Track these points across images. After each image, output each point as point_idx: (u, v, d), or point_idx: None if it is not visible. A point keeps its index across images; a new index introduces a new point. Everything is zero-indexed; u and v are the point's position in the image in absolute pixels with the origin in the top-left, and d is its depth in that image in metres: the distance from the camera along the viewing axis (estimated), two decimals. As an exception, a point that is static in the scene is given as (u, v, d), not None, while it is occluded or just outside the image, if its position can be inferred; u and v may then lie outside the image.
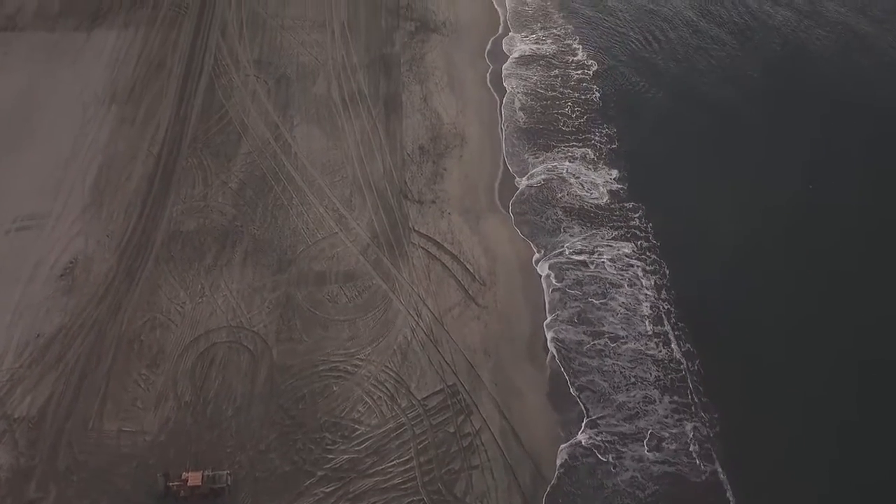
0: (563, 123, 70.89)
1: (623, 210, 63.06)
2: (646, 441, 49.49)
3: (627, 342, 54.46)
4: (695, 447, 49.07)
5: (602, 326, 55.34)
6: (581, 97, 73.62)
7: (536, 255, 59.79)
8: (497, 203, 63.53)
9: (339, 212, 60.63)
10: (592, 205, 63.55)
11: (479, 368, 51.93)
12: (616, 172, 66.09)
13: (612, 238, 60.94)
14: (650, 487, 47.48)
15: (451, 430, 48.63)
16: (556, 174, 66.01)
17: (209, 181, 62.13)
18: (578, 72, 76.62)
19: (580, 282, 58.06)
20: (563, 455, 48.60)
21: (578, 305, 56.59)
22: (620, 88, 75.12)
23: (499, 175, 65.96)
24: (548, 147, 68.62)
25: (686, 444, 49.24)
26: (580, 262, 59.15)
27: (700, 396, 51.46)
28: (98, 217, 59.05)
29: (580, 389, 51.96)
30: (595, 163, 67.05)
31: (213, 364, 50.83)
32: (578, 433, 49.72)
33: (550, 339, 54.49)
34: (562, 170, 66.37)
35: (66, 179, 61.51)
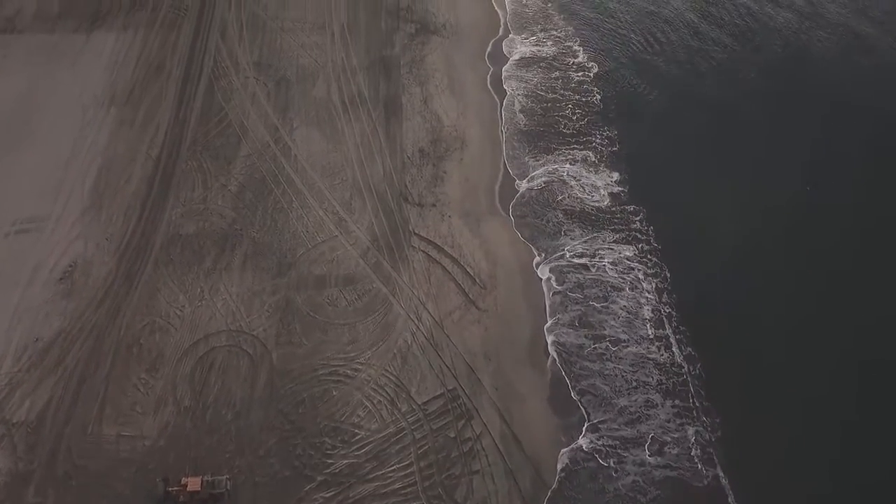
0: (564, 126, 70.68)
1: (624, 213, 62.85)
2: (647, 445, 49.30)
3: (629, 346, 54.24)
4: (696, 451, 48.88)
5: (603, 330, 55.15)
6: (582, 99, 73.42)
7: (537, 259, 59.57)
8: (497, 206, 63.32)
9: (339, 215, 60.42)
10: (593, 207, 63.35)
11: (480, 372, 51.74)
12: (617, 175, 65.90)
13: (614, 241, 60.73)
14: (652, 492, 47.28)
15: (452, 435, 48.44)
16: (557, 177, 65.80)
17: (209, 184, 61.95)
18: (579, 74, 76.39)
19: (581, 285, 57.86)
20: (564, 460, 48.40)
21: (579, 309, 56.39)
22: (621, 91, 74.91)
23: (499, 178, 65.75)
24: (548, 149, 68.40)
25: (688, 449, 49.06)
26: (581, 266, 58.95)
27: (701, 400, 51.28)
28: (97, 220, 58.88)
29: (581, 393, 51.78)
30: (596, 165, 66.86)
31: (213, 368, 50.65)
32: (579, 437, 49.51)
33: (551, 343, 54.29)
34: (562, 172, 66.17)
35: (66, 182, 61.36)
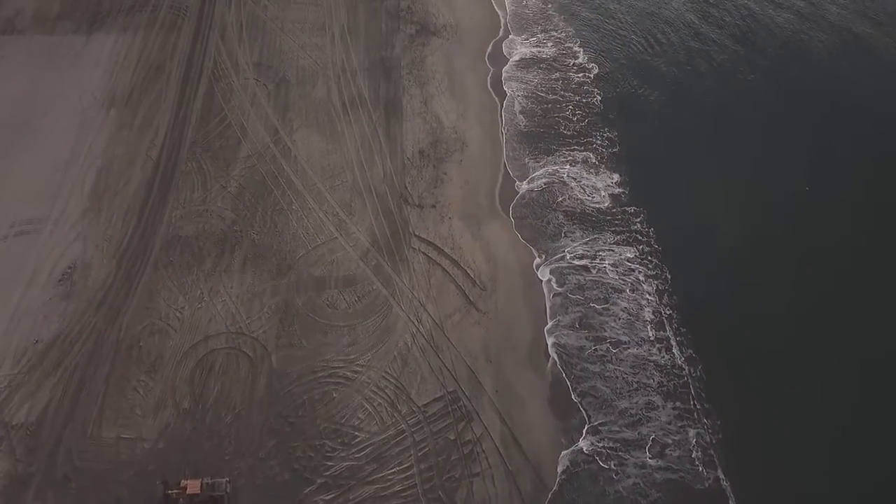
0: (564, 127, 70.52)
1: (625, 214, 62.68)
2: (648, 447, 49.12)
3: (629, 347, 54.09)
4: (697, 454, 48.71)
5: (604, 332, 54.98)
6: (582, 100, 73.26)
7: (537, 260, 59.43)
8: (498, 207, 63.15)
9: (339, 216, 60.29)
10: (594, 209, 63.19)
11: (480, 374, 51.59)
12: (617, 176, 65.74)
13: (614, 243, 60.55)
14: (653, 494, 47.10)
15: (452, 437, 48.29)
16: (557, 178, 65.63)
17: (208, 185, 61.80)
18: (579, 75, 76.23)
19: (582, 287, 57.70)
20: (565, 462, 48.21)
21: (580, 310, 56.23)
22: (622, 92, 74.76)
23: (499, 179, 65.56)
24: (549, 151, 68.23)
25: (689, 451, 48.89)
26: (581, 267, 58.78)
27: (702, 402, 51.12)
28: (97, 222, 58.72)
29: (582, 395, 51.61)
30: (596, 167, 66.68)
31: (212, 370, 50.49)
32: (580, 440, 49.34)
33: (551, 345, 54.13)
34: (563, 174, 65.98)
35: (65, 184, 61.20)
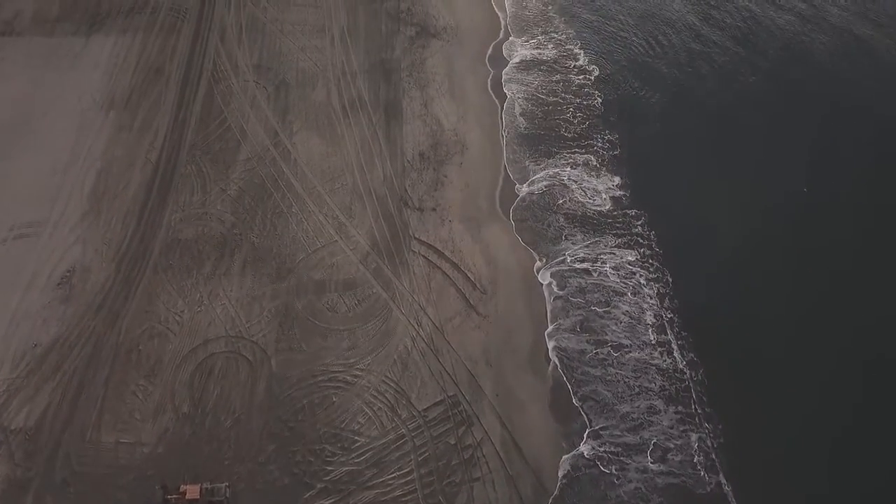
0: (565, 129, 70.36)
1: (625, 217, 62.51)
2: (649, 452, 48.97)
3: (631, 351, 53.90)
4: (699, 458, 48.56)
5: (605, 335, 54.80)
6: (583, 103, 73.09)
7: (538, 263, 59.23)
8: (498, 210, 62.97)
9: (339, 219, 60.10)
10: (595, 212, 63.02)
11: (481, 378, 51.40)
12: (618, 179, 65.56)
13: (615, 245, 60.40)
14: (654, 499, 46.99)
15: (452, 442, 48.11)
16: (558, 181, 65.49)
17: (208, 188, 61.63)
18: (580, 77, 76.06)
19: (583, 290, 57.51)
20: (566, 466, 48.08)
21: (581, 314, 56.04)
22: (622, 94, 74.59)
23: (500, 182, 65.42)
24: (549, 153, 68.10)
25: (690, 456, 48.74)
26: (582, 270, 58.59)
27: (704, 407, 50.94)
28: (96, 225, 58.56)
29: (583, 399, 51.43)
30: (597, 169, 66.52)
31: (212, 374, 50.33)
32: (581, 444, 49.18)
33: (552, 349, 53.97)
34: (563, 176, 65.85)
35: (64, 187, 61.06)
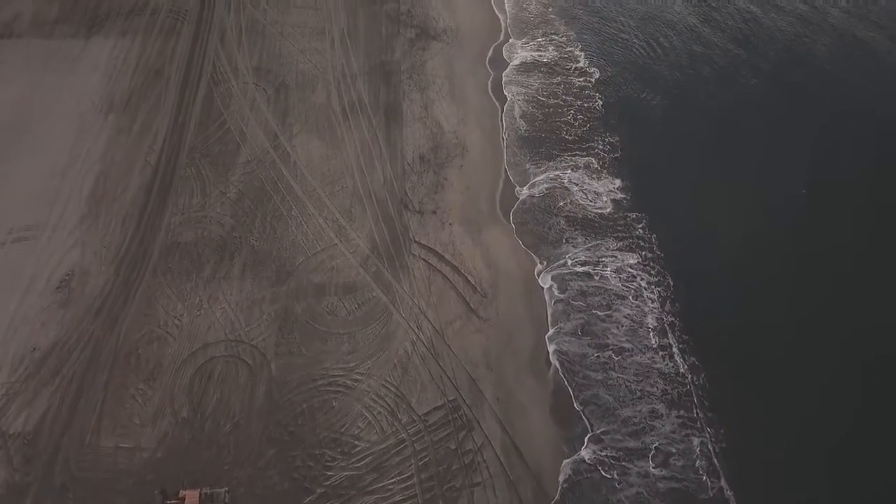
0: (566, 132, 70.17)
1: (627, 220, 62.29)
2: (651, 457, 48.70)
3: (632, 355, 53.64)
4: (701, 463, 48.27)
5: (606, 339, 54.55)
6: (583, 105, 72.90)
7: (539, 267, 59.01)
8: (499, 213, 62.76)
9: (339, 222, 59.89)
10: (595, 215, 62.78)
11: (481, 383, 51.16)
12: (619, 182, 65.34)
13: (616, 249, 60.14)
14: (655, 504, 46.81)
15: (453, 447, 47.86)
16: (559, 183, 65.25)
17: (207, 191, 61.40)
18: (580, 79, 75.90)
19: (584, 293, 57.26)
20: (567, 471, 47.80)
21: (582, 317, 55.79)
22: (623, 96, 74.42)
23: (500, 184, 65.19)
24: (550, 156, 67.88)
25: (692, 461, 48.46)
26: (584, 274, 58.35)
27: (705, 411, 50.70)
28: (95, 228, 58.31)
29: (584, 404, 51.19)
30: (598, 172, 66.29)
31: (211, 379, 50.05)
32: (582, 449, 48.91)
33: (553, 352, 53.72)
34: (564, 179, 65.61)
35: (63, 189, 60.81)
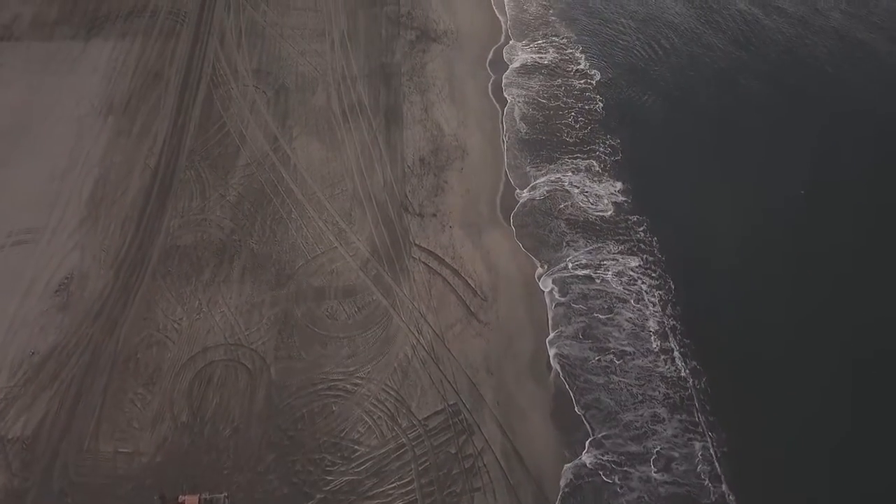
0: (566, 134, 69.94)
1: (628, 223, 62.04)
2: (653, 461, 48.48)
3: (634, 359, 53.41)
4: (703, 467, 48.05)
5: (607, 342, 54.31)
6: (584, 107, 72.67)
7: (539, 270, 58.78)
8: (499, 216, 62.53)
9: (339, 225, 59.69)
10: (596, 218, 62.55)
11: (481, 387, 50.94)
12: (620, 184, 65.10)
13: (618, 252, 59.92)
14: (657, 509, 46.60)
15: (453, 451, 47.64)
16: (560, 186, 65.02)
17: (207, 194, 61.20)
18: (581, 81, 75.67)
19: (585, 296, 57.04)
20: (568, 476, 47.60)
21: (583, 321, 55.57)
22: (624, 98, 74.18)
23: (500, 187, 64.94)
24: (550, 158, 67.64)
25: (694, 465, 48.24)
26: (584, 277, 58.14)
27: (707, 415, 50.47)
28: (94, 231, 58.12)
29: (585, 407, 50.97)
30: (599, 174, 66.06)
31: (211, 383, 49.85)
32: (583, 453, 48.70)
33: (554, 356, 53.49)
34: (565, 182, 65.39)
35: (62, 192, 60.62)
